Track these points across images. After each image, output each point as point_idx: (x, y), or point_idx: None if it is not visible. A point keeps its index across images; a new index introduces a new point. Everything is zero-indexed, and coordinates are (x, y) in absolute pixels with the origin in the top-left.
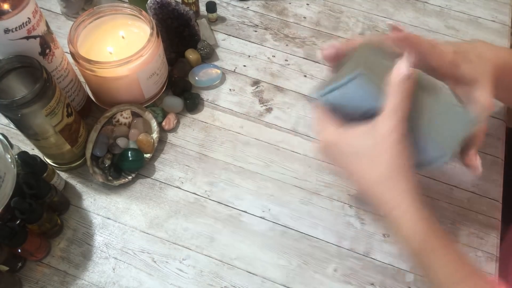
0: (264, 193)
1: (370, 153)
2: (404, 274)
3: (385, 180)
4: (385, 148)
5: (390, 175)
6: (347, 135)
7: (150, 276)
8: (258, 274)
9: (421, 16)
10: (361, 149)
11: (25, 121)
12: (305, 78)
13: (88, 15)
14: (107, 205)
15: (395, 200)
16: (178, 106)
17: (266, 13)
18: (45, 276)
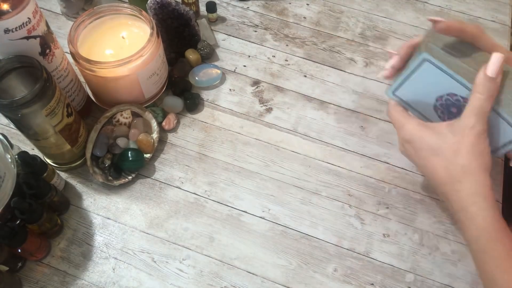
0: (264, 193)
1: (448, 150)
2: (404, 274)
3: (458, 181)
4: (464, 147)
5: (464, 176)
6: (426, 132)
7: (150, 276)
8: (258, 274)
9: (421, 16)
10: (441, 145)
11: (25, 121)
12: (305, 78)
13: (88, 15)
14: (107, 205)
15: (466, 200)
16: (178, 106)
17: (266, 13)
18: (45, 276)
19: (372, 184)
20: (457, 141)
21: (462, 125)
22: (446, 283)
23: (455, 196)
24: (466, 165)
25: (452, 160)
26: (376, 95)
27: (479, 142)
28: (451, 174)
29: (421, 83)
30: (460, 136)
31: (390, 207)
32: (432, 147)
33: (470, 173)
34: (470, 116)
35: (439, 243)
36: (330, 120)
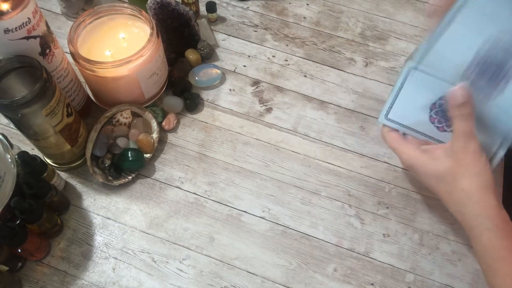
0: (264, 193)
1: (447, 175)
2: (404, 274)
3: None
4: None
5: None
6: (424, 158)
7: (150, 276)
8: (258, 274)
9: (421, 16)
10: (439, 171)
11: (25, 121)
12: (305, 78)
13: (88, 15)
14: (107, 205)
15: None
16: (178, 106)
17: (266, 13)
18: (45, 276)
19: (372, 184)
20: (453, 166)
21: (455, 149)
22: (446, 283)
23: (461, 217)
24: (466, 188)
25: (453, 185)
26: (376, 95)
27: (474, 162)
28: (454, 199)
29: (412, 96)
30: (455, 161)
31: (390, 207)
32: (431, 174)
33: (471, 196)
34: (458, 139)
35: (439, 243)
36: (330, 120)
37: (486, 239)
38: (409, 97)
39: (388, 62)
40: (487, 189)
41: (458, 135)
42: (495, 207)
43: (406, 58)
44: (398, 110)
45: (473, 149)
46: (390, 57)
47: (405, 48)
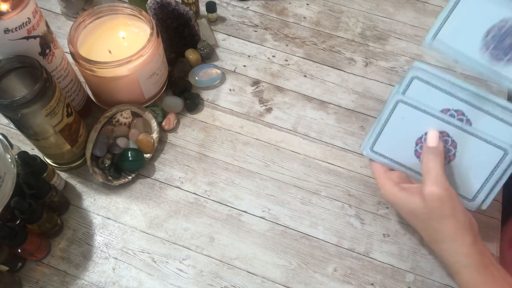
0: (264, 193)
1: (422, 216)
2: (404, 274)
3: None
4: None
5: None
6: (402, 195)
7: (150, 276)
8: (258, 274)
9: (421, 16)
10: (415, 211)
11: (25, 121)
12: (305, 78)
13: (88, 15)
14: (107, 205)
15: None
16: (178, 106)
17: (266, 13)
18: (45, 276)
19: (372, 184)
20: (424, 206)
21: (424, 192)
22: (446, 283)
23: (439, 253)
24: (439, 229)
25: (428, 224)
26: (376, 95)
27: (442, 205)
28: (430, 236)
29: (398, 130)
30: (425, 203)
31: (390, 207)
32: (407, 211)
33: (445, 235)
34: (426, 183)
35: None
36: (330, 120)
37: (465, 276)
38: (395, 130)
39: (388, 62)
40: (460, 228)
41: (427, 178)
42: (469, 244)
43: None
44: (383, 143)
45: (439, 193)
46: (390, 57)
47: (405, 48)
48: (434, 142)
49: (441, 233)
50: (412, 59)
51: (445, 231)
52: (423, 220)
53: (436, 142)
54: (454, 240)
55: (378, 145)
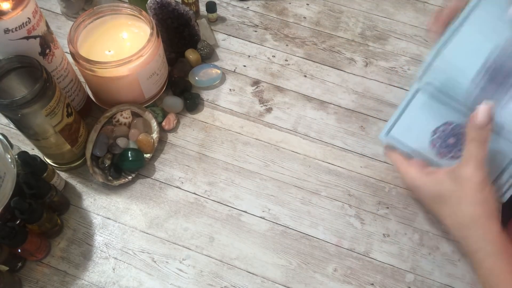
0: (264, 193)
1: (452, 198)
2: (404, 274)
3: (464, 227)
4: (466, 196)
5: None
6: (427, 180)
7: (150, 276)
8: (258, 274)
9: (421, 16)
10: (444, 194)
11: (25, 121)
12: (305, 78)
13: (88, 15)
14: (107, 205)
15: (473, 246)
16: (178, 106)
17: (266, 13)
18: (45, 276)
19: (372, 184)
20: (458, 190)
21: (462, 175)
22: (446, 283)
23: (463, 240)
24: (470, 213)
25: (456, 208)
26: (376, 95)
27: (480, 191)
28: (457, 221)
29: (416, 118)
30: (460, 186)
31: (390, 207)
32: (434, 196)
33: (475, 221)
34: (468, 166)
35: (439, 243)
36: (330, 120)
37: (489, 264)
38: (413, 118)
39: (388, 62)
40: (491, 217)
41: (469, 160)
42: (498, 232)
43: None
44: (401, 128)
45: (480, 178)
46: (390, 57)
47: (405, 48)
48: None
49: (470, 218)
50: (412, 59)
51: (475, 216)
52: (452, 204)
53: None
54: (483, 226)
55: (396, 129)
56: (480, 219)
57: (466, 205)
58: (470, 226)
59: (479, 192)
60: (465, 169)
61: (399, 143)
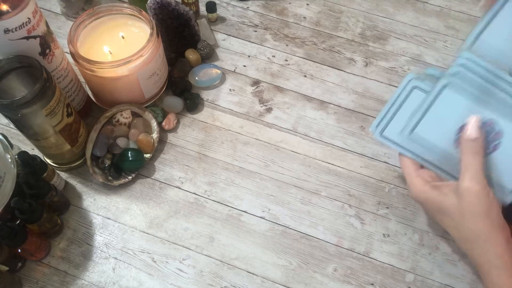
0: (264, 193)
1: (454, 213)
2: (404, 274)
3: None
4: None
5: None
6: (434, 193)
7: (150, 276)
8: (258, 274)
9: (421, 16)
10: (447, 208)
11: (25, 121)
12: (305, 78)
13: (88, 15)
14: (107, 205)
15: (479, 259)
16: (178, 106)
17: (266, 13)
18: (45, 276)
19: (372, 184)
20: (458, 203)
21: (461, 188)
22: (446, 283)
23: (469, 253)
24: (473, 227)
25: (460, 222)
26: (376, 95)
27: (477, 203)
28: (461, 235)
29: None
30: (460, 199)
31: (390, 207)
32: (438, 209)
33: (478, 235)
34: (464, 178)
35: (439, 243)
36: (330, 120)
37: (495, 277)
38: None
39: (388, 62)
40: (494, 228)
41: (465, 172)
42: (502, 244)
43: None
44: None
45: (477, 190)
46: (390, 57)
47: (405, 48)
48: (475, 133)
49: (474, 232)
50: (412, 59)
51: (478, 230)
52: (456, 218)
53: (477, 133)
54: (487, 239)
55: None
56: (484, 232)
57: (468, 219)
58: (474, 240)
59: (478, 205)
60: (462, 182)
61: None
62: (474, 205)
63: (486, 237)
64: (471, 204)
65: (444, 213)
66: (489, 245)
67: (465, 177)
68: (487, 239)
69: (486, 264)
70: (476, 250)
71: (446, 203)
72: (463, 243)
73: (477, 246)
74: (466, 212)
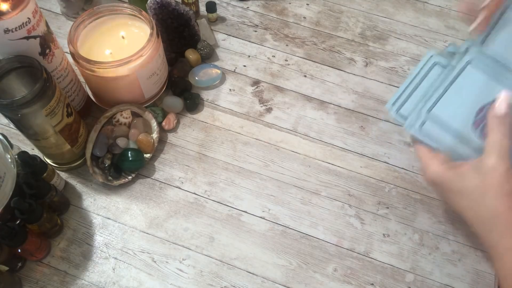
0: (264, 193)
1: (474, 192)
2: (404, 274)
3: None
4: (490, 189)
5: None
6: (451, 173)
7: (150, 276)
8: (258, 274)
9: (421, 16)
10: (466, 188)
11: (25, 121)
12: (305, 78)
13: (88, 15)
14: (107, 205)
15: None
16: (178, 106)
17: (266, 13)
18: (45, 276)
19: (372, 184)
20: (481, 182)
21: (485, 166)
22: (446, 283)
23: (485, 235)
24: (494, 206)
25: (480, 202)
26: (376, 95)
27: (504, 182)
28: (480, 215)
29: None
30: (483, 178)
31: (390, 207)
32: (456, 190)
33: (498, 215)
34: (490, 156)
35: (439, 243)
36: (330, 120)
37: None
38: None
39: (388, 62)
40: None
41: (491, 151)
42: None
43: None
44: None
45: (504, 169)
46: (390, 57)
47: (405, 48)
48: (504, 108)
49: (493, 211)
50: (412, 59)
51: (499, 209)
52: (476, 197)
53: (506, 109)
54: (506, 220)
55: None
56: (504, 213)
57: (490, 198)
58: (492, 221)
59: (503, 184)
60: (488, 160)
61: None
62: (499, 185)
63: (506, 219)
64: (496, 184)
65: (462, 193)
66: (508, 227)
67: (491, 156)
68: (507, 220)
69: (503, 246)
70: (494, 231)
71: (465, 182)
72: (480, 224)
73: (495, 227)
74: (489, 191)
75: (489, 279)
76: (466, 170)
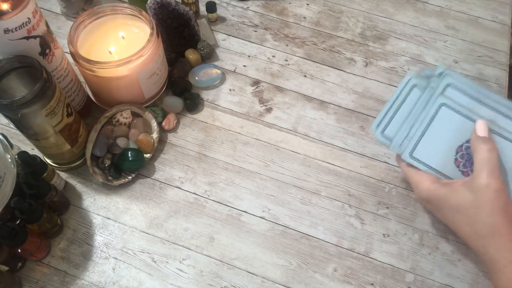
0: (264, 193)
1: (469, 209)
2: (404, 274)
3: (484, 237)
4: (484, 205)
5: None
6: (445, 190)
7: (150, 276)
8: (258, 274)
9: (421, 16)
10: (461, 204)
11: (25, 121)
12: (305, 78)
13: (88, 15)
14: (107, 205)
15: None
16: (178, 106)
17: (266, 13)
18: (45, 276)
19: (372, 184)
20: (475, 199)
21: (478, 184)
22: (446, 283)
23: (482, 250)
24: (489, 222)
25: (475, 218)
26: (376, 95)
27: (498, 198)
28: (476, 231)
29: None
30: (476, 195)
31: (390, 207)
32: (451, 207)
33: (495, 230)
34: (481, 174)
35: (439, 243)
36: (330, 120)
37: (509, 273)
38: (436, 136)
39: (388, 62)
40: (510, 224)
41: (481, 169)
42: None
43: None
44: (423, 148)
45: (496, 186)
46: (390, 57)
47: (405, 48)
48: (484, 131)
49: (490, 227)
50: (412, 59)
51: (495, 225)
52: (470, 215)
53: (486, 131)
54: (503, 234)
55: (418, 151)
56: (501, 227)
57: (485, 215)
58: (489, 236)
59: (496, 200)
60: (480, 179)
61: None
62: (493, 201)
63: (501, 232)
64: (490, 200)
65: (457, 210)
66: (504, 240)
67: (483, 173)
68: (503, 233)
69: (502, 260)
70: (491, 246)
71: (458, 199)
72: (476, 239)
73: (492, 241)
74: (484, 207)
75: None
76: (458, 187)
